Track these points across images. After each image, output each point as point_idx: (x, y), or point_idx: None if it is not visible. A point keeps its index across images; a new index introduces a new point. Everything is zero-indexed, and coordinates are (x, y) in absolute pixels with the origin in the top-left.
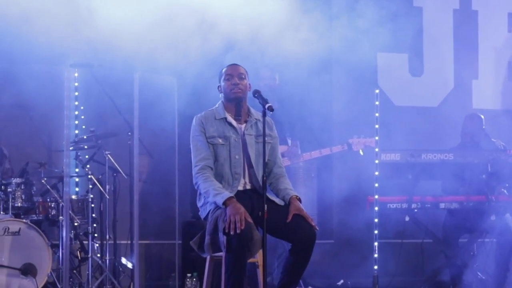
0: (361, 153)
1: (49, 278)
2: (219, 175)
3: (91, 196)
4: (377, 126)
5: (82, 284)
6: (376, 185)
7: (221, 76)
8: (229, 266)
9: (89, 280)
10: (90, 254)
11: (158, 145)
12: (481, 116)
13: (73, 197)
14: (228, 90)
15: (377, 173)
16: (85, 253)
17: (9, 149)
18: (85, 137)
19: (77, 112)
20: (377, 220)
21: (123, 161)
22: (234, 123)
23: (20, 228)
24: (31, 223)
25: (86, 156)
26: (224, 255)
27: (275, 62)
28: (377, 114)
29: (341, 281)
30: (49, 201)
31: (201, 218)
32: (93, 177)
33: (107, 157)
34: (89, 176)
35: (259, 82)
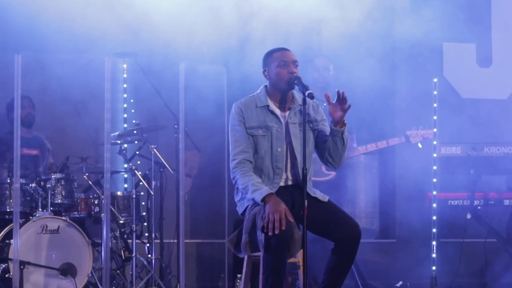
0: (420, 146)
1: (90, 279)
2: (259, 169)
3: (140, 192)
4: (435, 117)
5: (126, 285)
6: (435, 180)
7: (272, 61)
8: (267, 266)
9: (134, 281)
10: (134, 254)
11: (207, 138)
12: None
13: (119, 193)
14: (284, 78)
15: (435, 168)
16: (129, 252)
17: (54, 143)
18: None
19: (126, 105)
20: (435, 218)
21: (171, 155)
22: (277, 111)
23: (59, 226)
24: (70, 221)
25: (137, 152)
26: (262, 255)
27: (331, 51)
28: (435, 105)
29: (400, 283)
30: (91, 197)
31: (238, 213)
32: (137, 172)
33: (153, 152)
34: (133, 172)
35: (313, 73)
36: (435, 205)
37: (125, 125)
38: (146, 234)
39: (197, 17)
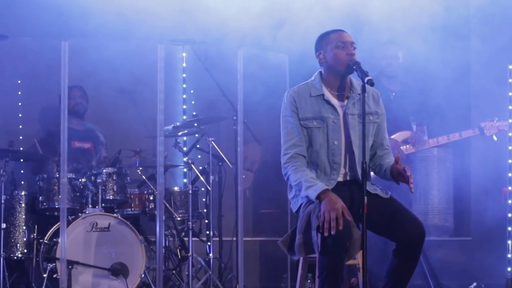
0: (495, 138)
1: (144, 279)
2: (314, 164)
3: (201, 188)
4: (511, 107)
5: (181, 286)
6: (510, 175)
7: (328, 43)
8: (323, 269)
9: (190, 282)
10: (191, 253)
11: (269, 131)
12: None
13: (176, 189)
14: (342, 60)
15: (511, 161)
16: (186, 251)
17: (107, 136)
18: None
19: (185, 95)
20: (511, 215)
21: (231, 149)
22: (333, 101)
23: (110, 224)
24: (122, 218)
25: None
26: (317, 257)
27: (400, 37)
28: (510, 94)
29: (474, 284)
30: (146, 193)
31: (293, 212)
32: (193, 166)
33: (210, 144)
34: (190, 166)
35: (380, 60)
36: (510, 202)
37: (184, 117)
38: (207, 232)
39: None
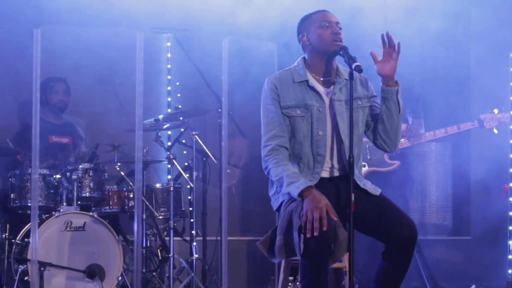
0: (495, 131)
1: (121, 281)
2: (297, 156)
3: (187, 185)
4: None
5: None
6: (511, 170)
7: (311, 23)
8: (306, 273)
9: (171, 284)
10: (172, 253)
11: (257, 124)
12: None
13: (157, 186)
14: (328, 40)
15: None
16: (167, 251)
17: (88, 129)
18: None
19: (170, 87)
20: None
21: (216, 143)
22: (318, 87)
23: (85, 223)
24: (98, 217)
25: (183, 141)
26: (300, 260)
27: (396, 26)
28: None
29: (473, 286)
30: (125, 190)
31: (273, 210)
32: (175, 161)
33: (194, 138)
34: (171, 161)
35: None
36: (511, 199)
37: (169, 110)
38: (192, 232)
39: None
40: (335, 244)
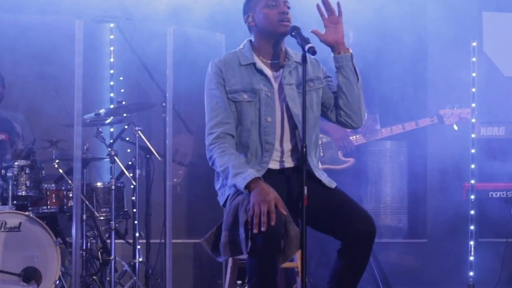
0: (455, 127)
1: (59, 285)
2: (244, 145)
3: (131, 185)
4: (474, 89)
5: None
6: (473, 166)
7: (257, 3)
8: (253, 273)
9: None
10: (113, 256)
11: (204, 119)
12: None
13: (98, 185)
14: (275, 20)
15: (473, 151)
16: (108, 254)
17: (30, 126)
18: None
19: (113, 82)
20: (473, 213)
21: (161, 140)
22: (266, 70)
23: (20, 223)
24: (35, 217)
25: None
26: (247, 258)
27: (350, 17)
28: (474, 74)
29: None
30: (64, 189)
31: (220, 205)
32: (116, 159)
33: (137, 134)
34: (113, 159)
35: None
36: (473, 197)
37: (111, 106)
38: (136, 234)
39: None
40: (285, 241)
